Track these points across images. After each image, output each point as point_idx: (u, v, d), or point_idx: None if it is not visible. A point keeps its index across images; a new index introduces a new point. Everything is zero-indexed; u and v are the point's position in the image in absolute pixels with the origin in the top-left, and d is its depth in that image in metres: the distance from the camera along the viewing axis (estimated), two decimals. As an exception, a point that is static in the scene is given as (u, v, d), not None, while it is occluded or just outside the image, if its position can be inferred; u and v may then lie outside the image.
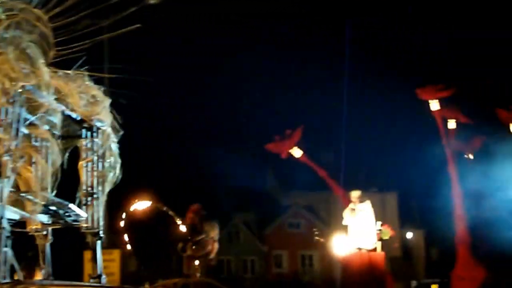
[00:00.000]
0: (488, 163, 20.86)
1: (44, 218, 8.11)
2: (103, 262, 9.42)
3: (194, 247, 11.55)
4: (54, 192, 8.08)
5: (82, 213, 8.25)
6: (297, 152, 21.56)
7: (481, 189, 20.95)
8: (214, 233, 11.66)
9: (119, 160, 9.07)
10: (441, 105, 20.88)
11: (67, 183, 8.45)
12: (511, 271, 20.98)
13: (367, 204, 17.13)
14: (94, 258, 8.59)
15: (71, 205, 8.02)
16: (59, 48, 7.54)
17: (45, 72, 7.05)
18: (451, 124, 20.95)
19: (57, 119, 7.17)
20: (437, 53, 35.73)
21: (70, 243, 9.45)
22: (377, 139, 29.42)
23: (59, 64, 7.76)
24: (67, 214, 8.12)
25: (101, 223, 8.61)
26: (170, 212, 12.02)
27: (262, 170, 42.04)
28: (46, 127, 7.20)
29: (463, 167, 21.22)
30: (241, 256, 39.08)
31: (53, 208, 7.66)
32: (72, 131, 8.47)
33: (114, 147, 8.98)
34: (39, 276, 9.14)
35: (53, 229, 8.47)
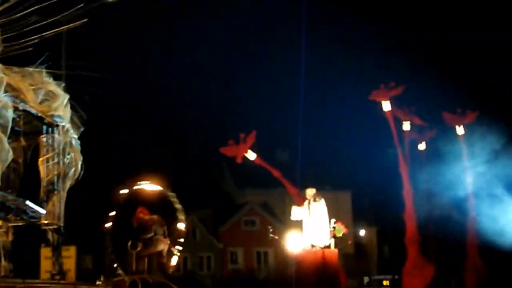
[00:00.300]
0: (437, 163, 21.57)
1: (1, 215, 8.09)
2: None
3: (143, 245, 11.51)
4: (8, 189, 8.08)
5: (40, 209, 8.17)
6: (251, 155, 21.88)
7: (431, 188, 21.64)
8: (162, 230, 11.61)
9: (80, 156, 9.05)
10: (394, 107, 21.46)
11: (32, 180, 8.53)
12: (458, 267, 21.74)
13: (322, 202, 17.48)
14: (55, 255, 8.62)
15: (28, 202, 7.98)
16: (8, 44, 7.41)
17: None
18: (406, 126, 21.52)
19: (7, 116, 7.01)
20: (391, 54, 36.47)
21: (27, 240, 9.36)
22: (332, 139, 29.91)
23: (15, 60, 7.67)
24: (23, 210, 8.06)
25: (62, 219, 8.56)
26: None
27: (218, 168, 42.12)
28: None
29: (414, 167, 21.86)
30: (197, 253, 39.02)
31: (10, 205, 7.61)
32: (34, 127, 8.41)
33: (75, 142, 8.94)
34: None
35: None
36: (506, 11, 30.58)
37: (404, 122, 21.58)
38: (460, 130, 21.98)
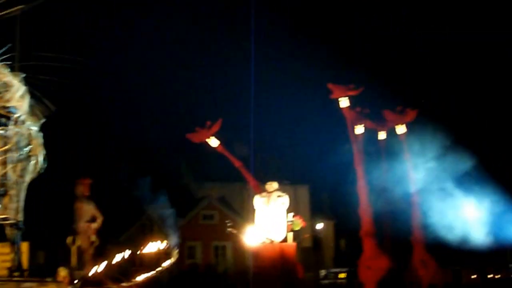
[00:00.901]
0: (389, 160, 22.11)
1: None
2: (2, 256, 9.50)
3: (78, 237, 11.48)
4: None
5: None
6: (214, 142, 21.94)
7: (384, 184, 22.16)
8: (88, 215, 11.53)
9: (41, 149, 8.86)
10: (349, 107, 21.80)
11: None
12: (410, 259, 22.31)
13: (283, 196, 17.71)
14: (13, 251, 8.53)
15: None
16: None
17: None
18: (359, 129, 21.89)
19: None
20: (349, 47, 37.06)
21: None
22: (290, 134, 30.21)
23: None
24: None
25: (21, 213, 8.47)
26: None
27: (177, 162, 42.01)
28: None
29: (369, 162, 22.29)
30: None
31: None
32: None
33: (35, 135, 8.73)
34: None
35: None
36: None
37: (356, 126, 21.99)
38: (401, 129, 22.56)
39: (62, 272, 9.97)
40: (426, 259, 21.69)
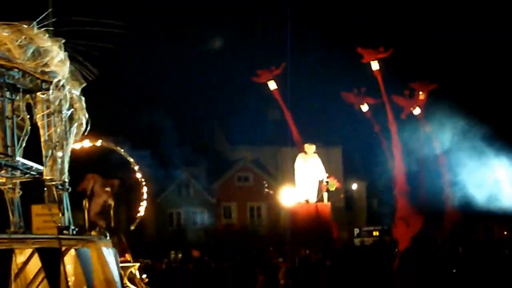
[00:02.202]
0: (424, 123, 22.41)
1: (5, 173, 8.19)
2: (51, 216, 9.42)
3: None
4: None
5: (35, 165, 8.28)
6: (272, 85, 22.70)
7: (417, 144, 22.50)
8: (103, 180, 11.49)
9: (84, 112, 8.92)
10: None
11: (32, 138, 8.49)
12: (442, 219, 22.74)
13: (316, 158, 18.25)
14: (62, 211, 8.48)
15: (18, 158, 8.06)
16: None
17: None
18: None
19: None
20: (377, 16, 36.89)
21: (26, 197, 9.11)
22: (323, 97, 30.48)
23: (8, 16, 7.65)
24: (13, 167, 8.17)
25: (66, 174, 8.45)
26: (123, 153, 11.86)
27: (211, 125, 42.60)
28: None
29: (402, 124, 22.63)
30: (190, 208, 39.83)
31: (6, 162, 7.65)
32: (36, 84, 8.32)
33: (77, 98, 8.81)
34: None
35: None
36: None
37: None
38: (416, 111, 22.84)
39: (94, 232, 10.31)
40: (456, 217, 22.12)
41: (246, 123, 27.90)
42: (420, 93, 22.71)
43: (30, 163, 8.37)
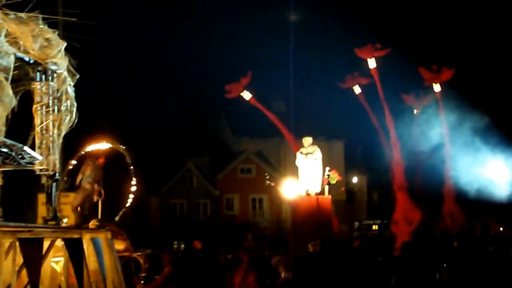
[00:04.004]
0: (421, 116, 22.65)
1: None
2: (59, 205, 9.36)
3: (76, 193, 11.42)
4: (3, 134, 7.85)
5: (37, 155, 8.20)
6: (247, 95, 22.83)
7: (415, 139, 22.77)
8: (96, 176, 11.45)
9: (75, 104, 8.98)
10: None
11: (19, 127, 8.40)
12: (441, 213, 23.01)
13: (317, 150, 18.43)
14: (49, 200, 8.57)
15: (26, 148, 8.01)
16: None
17: None
18: None
19: (8, 62, 6.93)
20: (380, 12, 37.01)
21: (24, 186, 9.52)
22: (326, 91, 30.76)
23: (12, 6, 7.68)
24: (20, 156, 8.03)
25: (57, 165, 8.59)
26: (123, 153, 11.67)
27: (215, 116, 42.84)
28: None
29: (401, 119, 22.88)
30: (194, 199, 40.16)
31: (5, 150, 7.60)
32: (24, 74, 8.39)
33: (70, 90, 8.89)
34: None
35: (7, 171, 8.40)
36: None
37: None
38: (436, 87, 22.95)
39: (95, 221, 10.52)
40: (455, 212, 22.40)
41: (250, 115, 28.07)
42: (445, 70, 22.76)
43: (34, 153, 8.27)
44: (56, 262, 8.08)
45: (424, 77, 22.95)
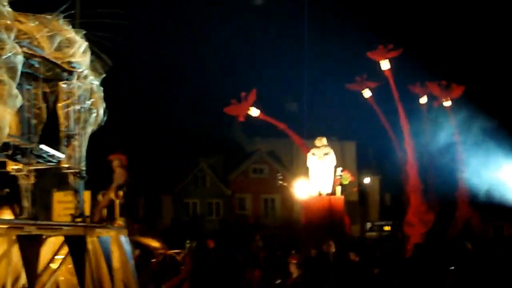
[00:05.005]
0: (437, 117, 22.60)
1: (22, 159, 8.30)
2: (72, 203, 9.20)
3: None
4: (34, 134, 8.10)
5: (58, 153, 8.38)
6: (254, 112, 22.55)
7: (429, 141, 22.72)
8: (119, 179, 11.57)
9: (102, 103, 9.08)
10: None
11: (55, 126, 8.59)
12: (454, 215, 22.92)
13: (330, 151, 18.44)
14: (76, 198, 8.69)
15: (42, 146, 8.20)
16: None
17: (6, 13, 6.88)
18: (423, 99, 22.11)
19: (15, 62, 6.86)
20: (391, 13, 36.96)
21: (40, 184, 9.15)
22: (338, 92, 30.78)
23: (33, 8, 7.76)
24: (37, 154, 8.27)
25: (83, 163, 8.66)
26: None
27: (228, 117, 42.96)
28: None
29: (415, 119, 22.84)
30: (206, 199, 40.31)
31: (26, 149, 7.78)
32: (55, 74, 8.49)
33: (96, 89, 8.98)
34: (7, 215, 9.33)
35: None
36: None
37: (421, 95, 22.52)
38: (447, 103, 22.96)
39: (120, 221, 10.63)
40: (469, 214, 22.32)
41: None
42: (455, 86, 22.79)
43: (52, 151, 8.53)
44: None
45: (433, 93, 22.99)
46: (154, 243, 11.85)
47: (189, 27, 38.16)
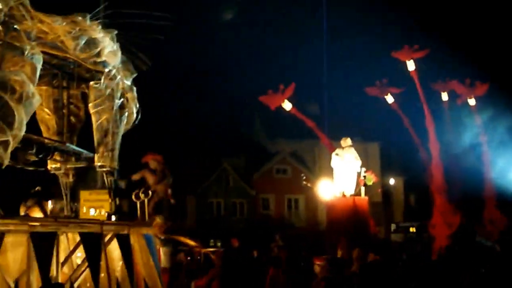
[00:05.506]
0: (461, 117, 22.37)
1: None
2: (99, 202, 9.52)
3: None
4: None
5: (86, 152, 8.60)
6: (287, 106, 22.67)
7: (455, 140, 22.47)
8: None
9: (135, 102, 9.12)
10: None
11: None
12: (482, 214, 22.62)
13: (353, 152, 18.37)
14: (110, 196, 8.84)
15: (68, 145, 8.36)
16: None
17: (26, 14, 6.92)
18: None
19: (36, 60, 6.89)
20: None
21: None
22: (361, 92, 30.65)
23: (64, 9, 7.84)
24: (77, 153, 8.52)
25: (116, 162, 8.72)
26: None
27: (251, 117, 43.08)
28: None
29: (439, 119, 22.62)
30: (230, 198, 40.45)
31: (45, 146, 7.92)
32: (91, 74, 8.60)
33: (128, 88, 9.01)
34: (37, 213, 9.53)
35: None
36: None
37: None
38: (471, 101, 22.69)
39: (159, 219, 10.76)
40: (496, 216, 22.03)
41: (285, 116, 28.09)
42: (479, 84, 22.56)
43: (79, 150, 8.65)
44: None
45: (457, 91, 22.74)
46: (191, 241, 12.02)
47: (214, 30, 38.21)
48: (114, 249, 8.07)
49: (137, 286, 8.13)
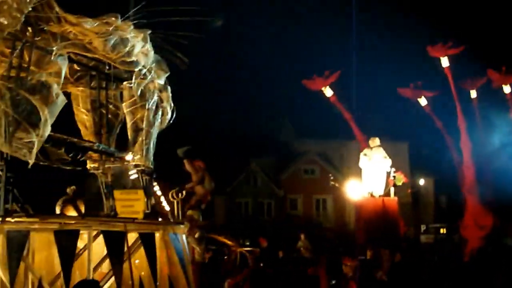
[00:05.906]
0: (492, 116, 21.95)
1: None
2: (129, 201, 9.95)
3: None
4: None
5: (118, 152, 8.66)
6: (329, 92, 22.58)
7: (487, 141, 22.05)
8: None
9: (169, 101, 9.07)
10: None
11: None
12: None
13: (382, 151, 18.19)
14: (146, 195, 8.83)
15: (97, 144, 8.42)
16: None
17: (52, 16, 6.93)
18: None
19: (61, 62, 6.93)
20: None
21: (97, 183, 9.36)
22: (390, 91, 30.36)
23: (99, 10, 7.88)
24: (112, 153, 8.57)
25: (150, 161, 8.68)
26: None
27: (279, 118, 43.09)
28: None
29: (472, 119, 22.23)
30: (258, 199, 40.49)
31: (98, 147, 8.09)
32: (124, 74, 8.65)
33: (162, 87, 8.95)
34: (71, 211, 9.80)
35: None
36: None
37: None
38: (506, 88, 22.19)
39: (195, 215, 10.73)
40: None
41: (313, 116, 28.11)
42: None
43: (112, 149, 8.70)
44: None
45: (492, 78, 22.27)
46: (228, 240, 12.07)
47: (246, 28, 38.21)
48: (138, 247, 8.08)
49: (161, 284, 8.09)
